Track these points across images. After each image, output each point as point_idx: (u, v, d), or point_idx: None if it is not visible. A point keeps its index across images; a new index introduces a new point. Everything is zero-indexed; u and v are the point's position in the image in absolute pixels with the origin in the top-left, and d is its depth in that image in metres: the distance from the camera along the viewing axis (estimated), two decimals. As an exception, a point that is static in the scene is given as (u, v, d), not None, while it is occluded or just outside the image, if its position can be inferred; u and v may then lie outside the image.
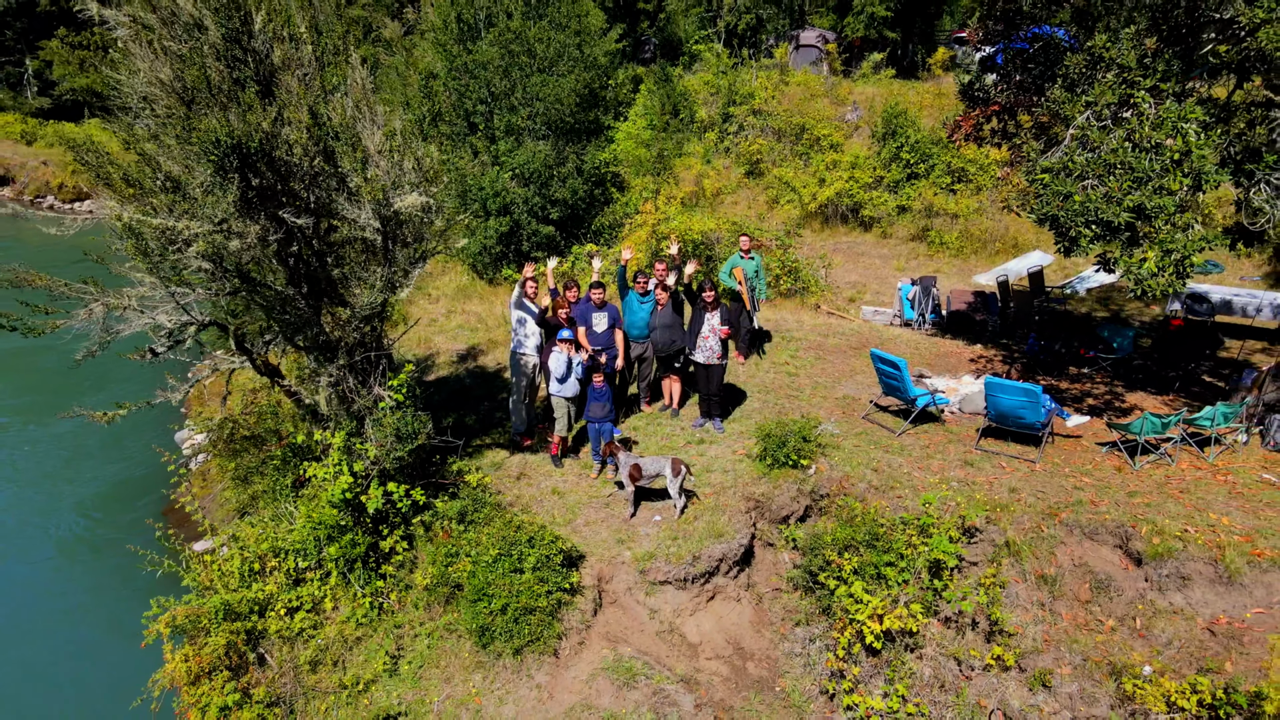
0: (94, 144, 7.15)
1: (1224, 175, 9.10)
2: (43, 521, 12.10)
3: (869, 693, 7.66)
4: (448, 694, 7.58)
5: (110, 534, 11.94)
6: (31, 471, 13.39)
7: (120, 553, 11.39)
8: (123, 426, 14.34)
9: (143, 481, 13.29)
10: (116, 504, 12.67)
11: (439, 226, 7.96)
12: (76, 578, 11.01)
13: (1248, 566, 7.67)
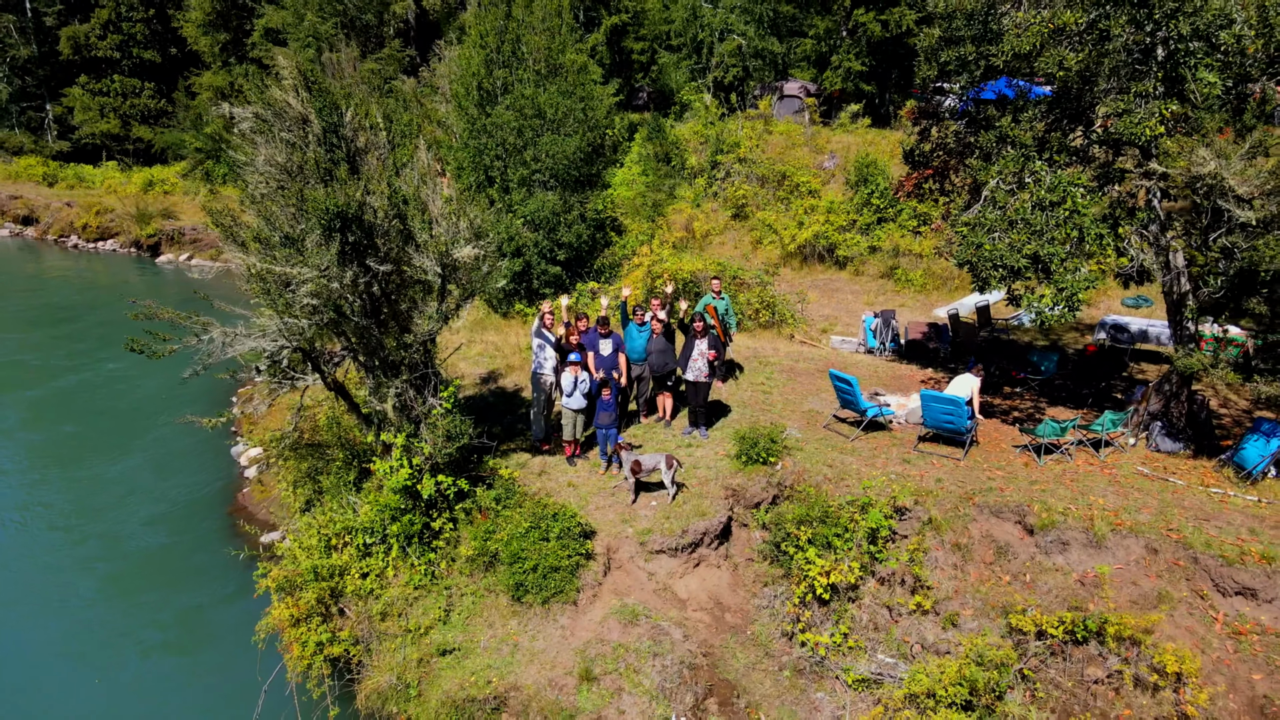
0: (229, 211, 9.54)
1: (1104, 229, 11.58)
2: (127, 533, 14.21)
3: (819, 633, 9.92)
4: (491, 634, 9.81)
5: (185, 536, 14.14)
6: (105, 495, 15.36)
7: (196, 550, 13.67)
8: (176, 452, 16.68)
9: (205, 498, 15.46)
10: (185, 516, 14.81)
11: (485, 271, 10.37)
12: (165, 572, 13.20)
13: (1111, 534, 10.00)
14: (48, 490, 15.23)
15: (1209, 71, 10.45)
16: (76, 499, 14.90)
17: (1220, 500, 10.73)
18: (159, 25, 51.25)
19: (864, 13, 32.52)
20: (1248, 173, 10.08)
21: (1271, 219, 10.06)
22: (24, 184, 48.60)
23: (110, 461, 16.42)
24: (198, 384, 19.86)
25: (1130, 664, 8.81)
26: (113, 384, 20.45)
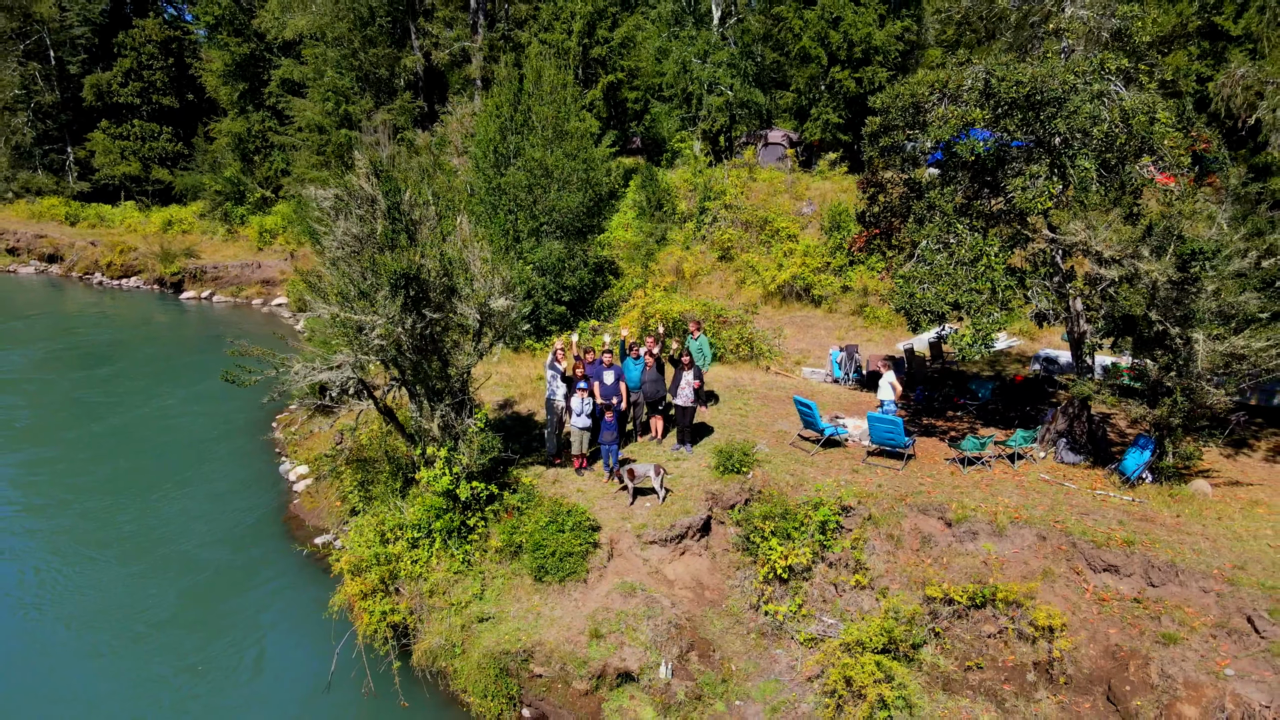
0: (317, 273, 12.32)
1: (1011, 281, 14.44)
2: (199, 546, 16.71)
3: (779, 604, 12.58)
4: (518, 606, 12.45)
5: (248, 542, 16.76)
6: (173, 517, 17.61)
7: (259, 552, 16.29)
8: (229, 475, 19.20)
9: (261, 511, 18.06)
10: (246, 527, 17.38)
11: (513, 318, 13.15)
12: (235, 572, 15.81)
13: (1010, 525, 12.73)
14: (124, 518, 17.20)
15: (1085, 159, 13.39)
16: (149, 524, 17.02)
17: (1101, 500, 13.49)
18: (177, 73, 54.46)
19: (840, 70, 35.69)
20: (1110, 239, 12.94)
21: (1130, 274, 12.89)
22: (47, 223, 51.48)
23: (174, 487, 18.73)
24: (240, 414, 22.79)
25: (1015, 621, 11.52)
26: (165, 418, 22.98)
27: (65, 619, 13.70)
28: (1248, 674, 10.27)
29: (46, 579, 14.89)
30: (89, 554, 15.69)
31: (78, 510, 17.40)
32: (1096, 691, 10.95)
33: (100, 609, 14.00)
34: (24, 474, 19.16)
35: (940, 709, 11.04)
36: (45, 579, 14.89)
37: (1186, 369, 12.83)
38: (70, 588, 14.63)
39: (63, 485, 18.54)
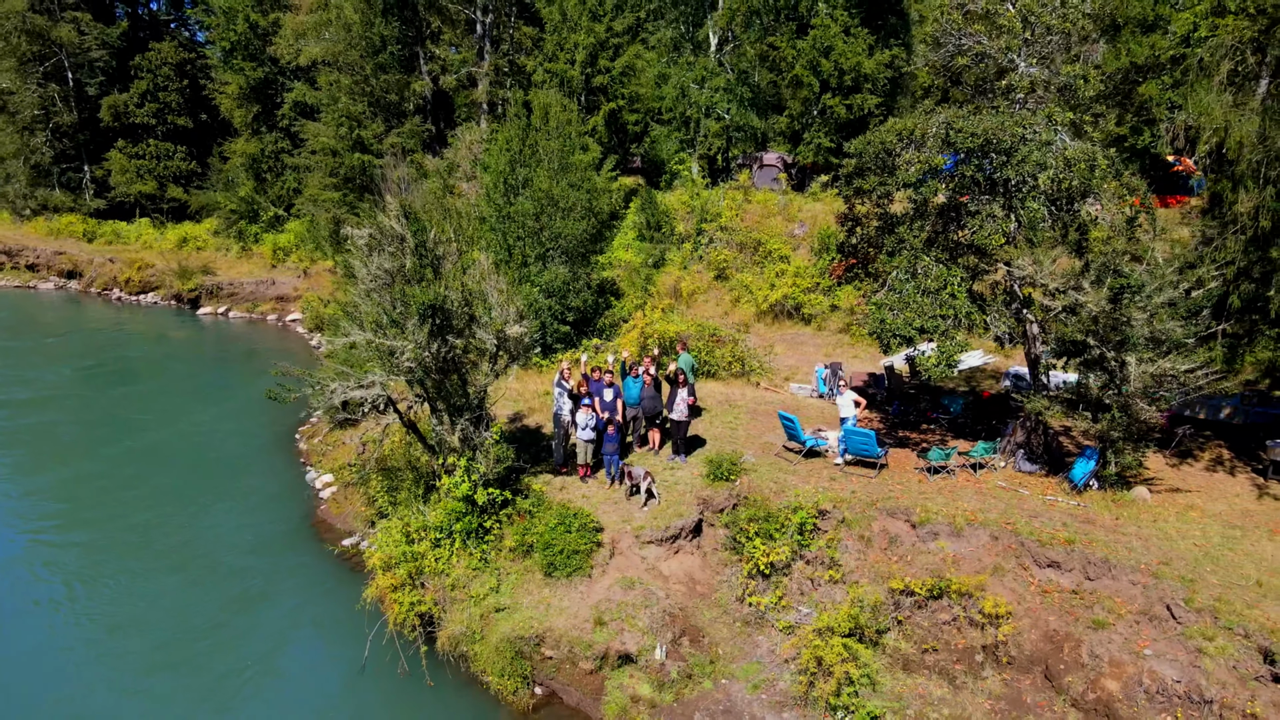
0: (355, 304, 14.05)
1: (973, 308, 16.17)
2: (237, 550, 18.44)
3: (761, 597, 14.26)
4: (530, 598, 14.13)
5: (281, 544, 18.45)
6: (212, 525, 19.25)
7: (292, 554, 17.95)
8: (260, 485, 20.75)
9: (291, 516, 19.77)
10: (279, 530, 19.06)
11: (526, 343, 14.89)
12: (272, 571, 17.49)
13: (967, 526, 14.41)
14: (166, 529, 18.47)
15: (1033, 201, 15.14)
16: (189, 534, 18.33)
17: (1050, 504, 15.18)
18: (191, 94, 56.38)
19: (831, 97, 37.52)
20: (1055, 272, 14.66)
21: (1073, 304, 14.61)
22: (65, 240, 53.28)
23: (210, 499, 20.13)
24: (266, 428, 24.45)
25: (966, 610, 13.20)
26: (197, 432, 24.49)
27: (116, 625, 14.97)
28: (1164, 654, 11.95)
29: (98, 589, 16.28)
30: (136, 564, 17.08)
31: (123, 523, 18.74)
32: (1036, 670, 12.62)
33: (149, 613, 15.43)
34: (70, 489, 20.59)
35: (900, 685, 12.71)
36: (96, 589, 16.28)
37: (1122, 388, 14.54)
38: (120, 596, 16.02)
39: (108, 499, 19.99)
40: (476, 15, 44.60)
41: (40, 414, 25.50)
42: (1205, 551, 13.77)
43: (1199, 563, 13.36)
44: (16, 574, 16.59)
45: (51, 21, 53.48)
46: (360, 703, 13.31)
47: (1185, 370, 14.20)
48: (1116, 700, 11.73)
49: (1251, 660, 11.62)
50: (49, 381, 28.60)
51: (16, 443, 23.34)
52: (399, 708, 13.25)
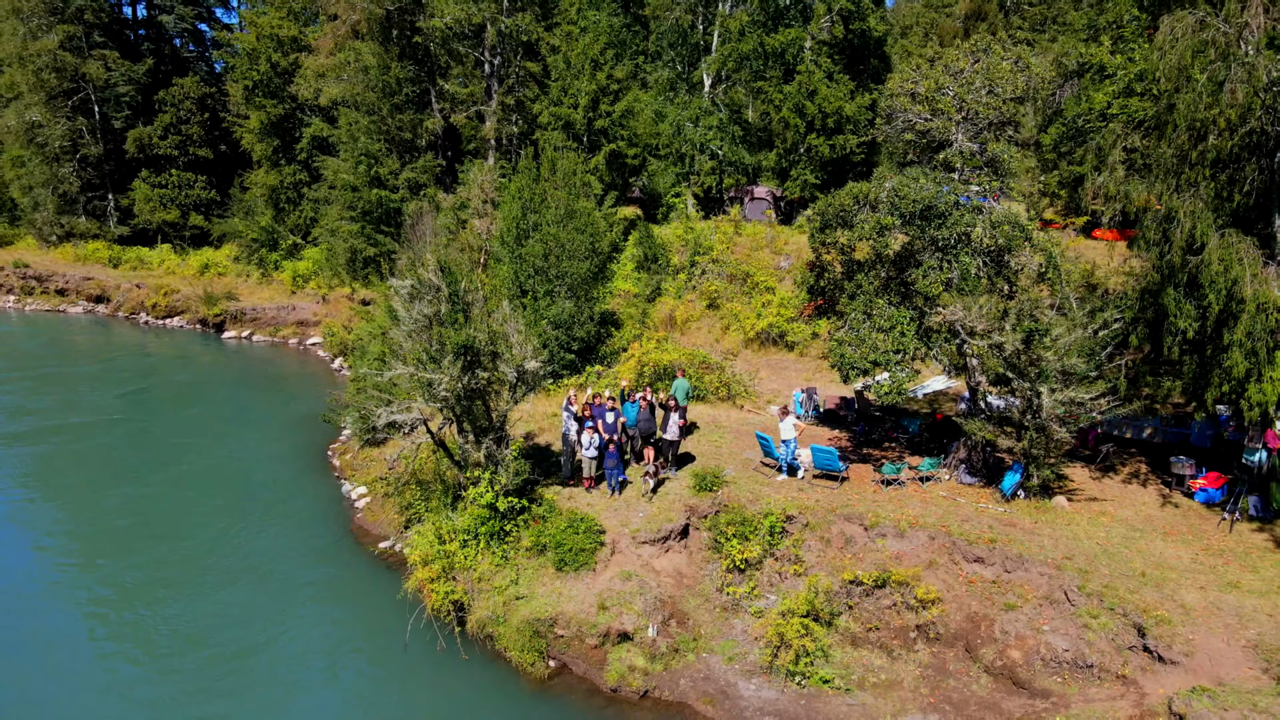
0: (399, 343, 17.07)
1: (919, 344, 19.19)
2: (288, 556, 21.36)
3: (737, 588, 17.21)
4: (544, 589, 17.09)
5: (325, 550, 21.41)
6: (263, 538, 22.02)
7: (336, 558, 20.86)
8: (302, 501, 23.53)
9: (331, 524, 22.72)
10: (321, 538, 21.97)
11: (541, 375, 17.90)
12: (318, 572, 20.44)
13: (910, 529, 17.39)
14: (221, 543, 20.87)
15: (965, 256, 18.22)
16: (244, 546, 20.82)
17: (981, 511, 18.17)
18: (211, 126, 59.72)
19: (815, 137, 40.74)
20: (984, 314, 17.67)
21: (993, 344, 17.63)
22: (92, 266, 56.46)
23: (259, 514, 22.63)
24: (301, 447, 27.24)
25: (904, 597, 16.16)
26: (242, 454, 27.15)
27: (186, 631, 17.39)
28: (1058, 629, 14.93)
29: (167, 598, 18.61)
30: (204, 578, 19.41)
31: (187, 542, 20.99)
32: (958, 645, 15.58)
33: (218, 617, 17.87)
34: (136, 509, 22.95)
35: (848, 657, 15.67)
36: (166, 598, 18.61)
37: (1039, 413, 17.56)
38: (188, 603, 18.39)
39: (168, 519, 22.44)
40: (484, 56, 47.88)
41: (97, 438, 28.37)
42: (1105, 549, 16.74)
43: (1097, 558, 16.34)
44: (96, 592, 19.08)
45: (80, 59, 56.83)
46: (405, 674, 16.24)
47: (1090, 398, 17.23)
48: (1019, 666, 14.70)
49: (1127, 633, 14.60)
50: (99, 406, 31.56)
51: (81, 466, 26.13)
52: (437, 678, 16.18)
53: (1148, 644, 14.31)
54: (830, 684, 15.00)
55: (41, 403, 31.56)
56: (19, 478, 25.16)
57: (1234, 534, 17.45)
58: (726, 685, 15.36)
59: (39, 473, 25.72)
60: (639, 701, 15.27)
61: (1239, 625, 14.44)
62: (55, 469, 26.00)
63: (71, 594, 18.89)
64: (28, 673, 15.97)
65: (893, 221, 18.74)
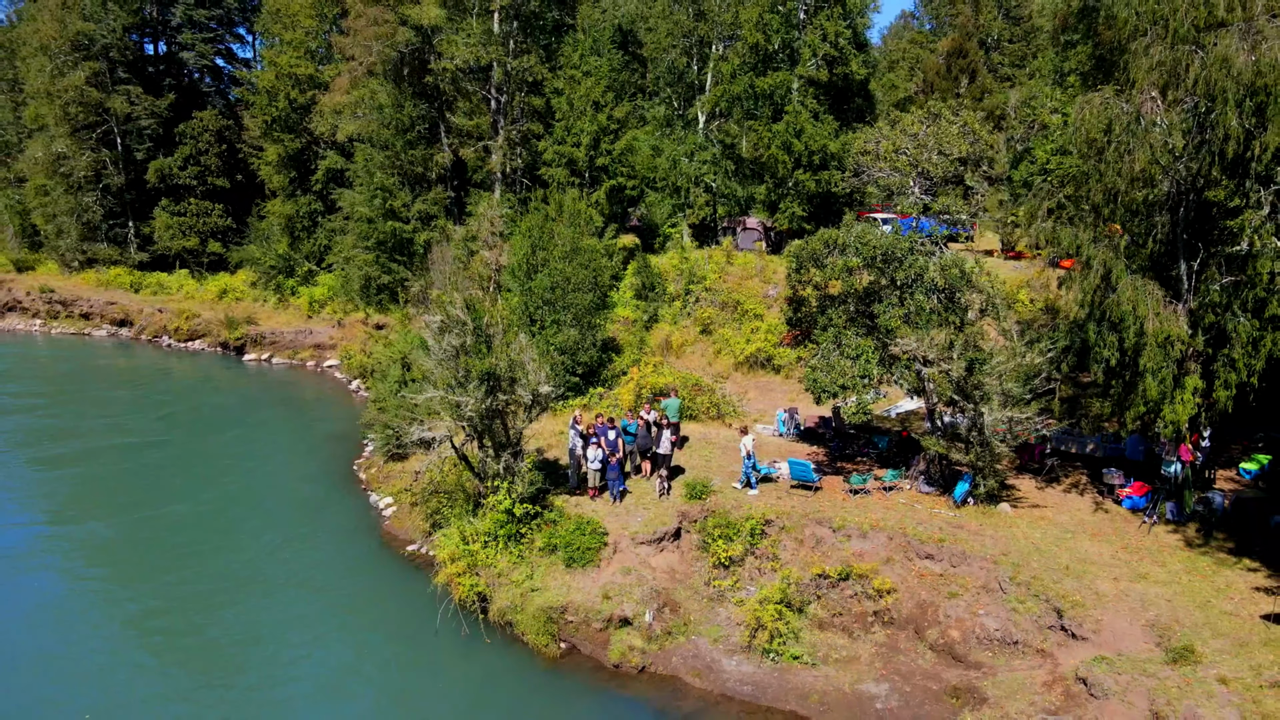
0: (431, 371, 20.01)
1: (882, 370, 22.15)
2: (326, 564, 24.21)
3: (722, 581, 20.07)
4: (556, 583, 19.94)
5: (358, 556, 24.26)
6: (301, 548, 24.98)
7: (369, 562, 23.68)
8: (332, 513, 26.31)
9: (361, 532, 25.57)
10: (354, 545, 24.82)
11: (552, 397, 20.83)
12: (354, 574, 23.29)
13: (871, 530, 20.28)
14: (267, 554, 23.72)
15: (920, 295, 21.21)
16: (288, 555, 23.66)
17: (934, 515, 21.06)
18: (228, 156, 62.95)
19: (802, 173, 43.87)
20: (930, 345, 20.63)
21: (943, 371, 20.57)
22: (114, 291, 59.48)
23: (298, 525, 25.29)
24: (330, 465, 30.17)
25: (864, 588, 19.03)
26: (277, 473, 30.00)
27: (246, 632, 20.11)
28: (991, 613, 17.80)
29: (226, 604, 21.09)
30: (250, 584, 21.91)
31: (236, 552, 23.61)
32: (909, 627, 18.43)
33: (269, 617, 20.56)
34: (187, 524, 25.48)
35: (815, 638, 18.52)
36: (225, 603, 21.06)
37: (982, 430, 20.51)
38: (244, 609, 20.86)
39: (219, 534, 24.88)
40: (491, 94, 51.15)
41: (145, 458, 31.06)
42: (1038, 547, 19.62)
43: (1029, 554, 19.22)
44: (159, 602, 21.52)
45: (105, 94, 60.12)
46: (436, 654, 19.06)
47: (1025, 417, 20.19)
48: (957, 643, 17.57)
49: (1048, 616, 17.48)
50: (143, 428, 34.39)
51: (133, 486, 28.55)
52: (464, 658, 19.00)
53: (1064, 624, 17.19)
54: (799, 659, 17.85)
55: (88, 425, 34.39)
56: (74, 498, 27.72)
57: (1151, 535, 20.36)
58: (712, 661, 18.21)
59: (92, 494, 28.04)
60: (638, 675, 18.11)
61: (1141, 609, 17.33)
62: (108, 489, 28.34)
63: (142, 604, 21.28)
64: (97, 674, 18.40)
65: (857, 264, 21.76)
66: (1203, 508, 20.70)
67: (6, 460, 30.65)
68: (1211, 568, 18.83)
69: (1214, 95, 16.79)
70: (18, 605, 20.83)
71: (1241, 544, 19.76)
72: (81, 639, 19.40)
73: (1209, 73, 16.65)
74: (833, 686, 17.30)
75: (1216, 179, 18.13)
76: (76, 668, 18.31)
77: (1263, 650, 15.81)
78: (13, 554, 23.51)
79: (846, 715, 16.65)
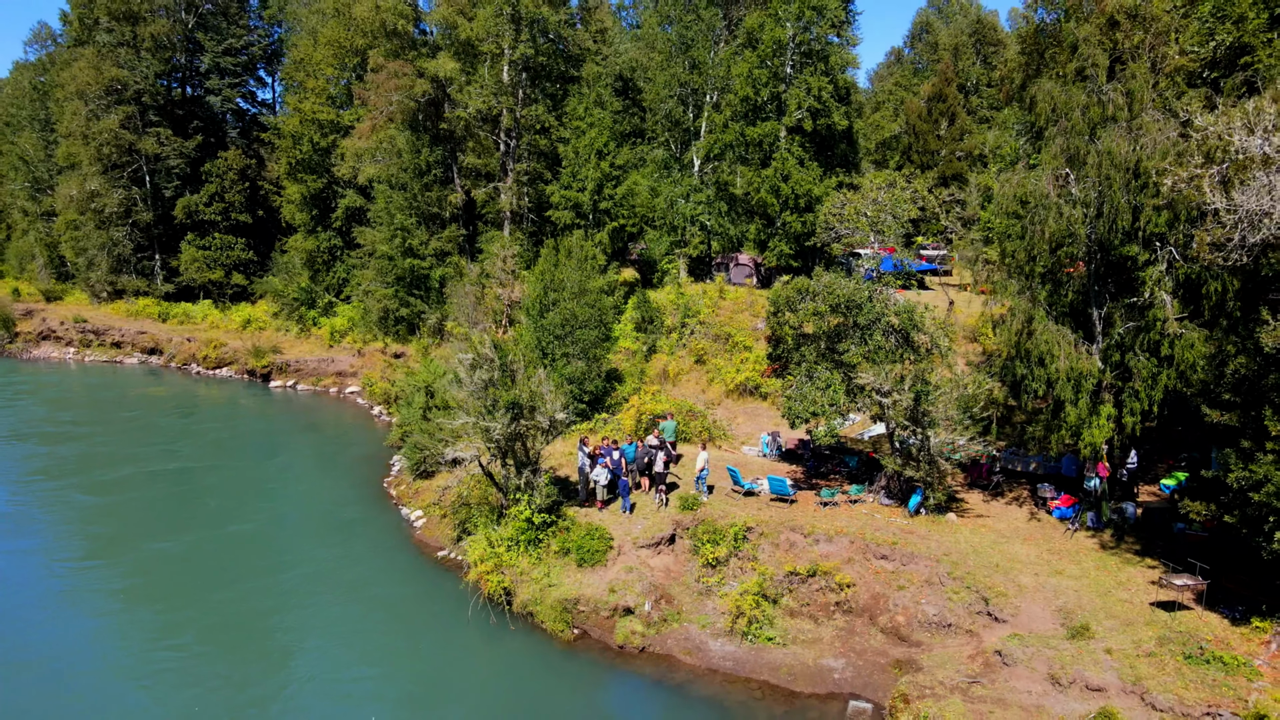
0: (459, 399, 23.99)
1: (849, 400, 26.14)
2: (366, 569, 28.16)
3: (710, 578, 23.94)
4: (569, 579, 23.81)
5: (394, 564, 28.16)
6: (346, 560, 29.21)
7: (402, 566, 27.57)
8: (366, 527, 30.14)
9: (395, 542, 29.49)
10: (389, 553, 28.75)
11: (566, 423, 24.79)
12: (391, 578, 27.18)
13: (836, 535, 24.18)
14: (316, 565, 27.68)
15: (877, 335, 25.26)
16: (333, 566, 27.63)
17: (890, 523, 24.96)
18: (250, 193, 67.28)
19: (789, 215, 48.09)
20: (886, 379, 24.62)
21: (896, 401, 24.54)
22: (144, 320, 63.58)
23: (339, 540, 29.24)
24: (361, 484, 33.99)
25: (827, 582, 22.91)
26: (316, 494, 33.86)
27: (302, 630, 24.44)
28: (931, 602, 21.68)
29: (285, 608, 25.69)
30: (304, 592, 25.80)
31: (289, 564, 27.47)
32: (865, 615, 22.29)
33: (322, 618, 24.58)
34: (244, 542, 29.20)
35: (786, 624, 22.37)
36: (284, 607, 25.68)
37: (929, 450, 24.47)
38: (300, 613, 24.96)
39: (273, 550, 28.62)
40: (500, 138, 55.54)
41: (200, 481, 34.82)
42: (975, 549, 23.53)
43: (967, 555, 23.12)
44: (232, 613, 25.53)
45: (136, 135, 64.53)
46: (468, 640, 22.89)
47: (964, 441, 24.17)
48: (902, 627, 21.44)
49: (977, 603, 21.36)
50: (192, 453, 38.23)
51: (194, 507, 32.05)
52: (493, 642, 22.83)
53: (989, 610, 21.08)
54: (773, 641, 21.72)
55: (142, 451, 38.17)
56: (139, 521, 30.78)
57: (1073, 540, 24.28)
58: (700, 643, 22.07)
59: (157, 516, 31.25)
60: (639, 655, 21.94)
61: (1053, 597, 21.23)
62: (171, 512, 31.76)
63: (217, 613, 24.68)
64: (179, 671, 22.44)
65: (825, 309, 25.83)
66: (1117, 516, 24.62)
67: (71, 485, 34.23)
68: (1118, 565, 22.75)
69: (1106, 177, 20.92)
70: (94, 618, 24.22)
71: (1147, 547, 23.68)
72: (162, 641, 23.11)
73: (1100, 160, 20.79)
74: (799, 662, 21.16)
75: (1117, 243, 22.22)
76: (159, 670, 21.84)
77: (1145, 629, 19.71)
78: (85, 574, 26.67)
79: (809, 684, 20.51)
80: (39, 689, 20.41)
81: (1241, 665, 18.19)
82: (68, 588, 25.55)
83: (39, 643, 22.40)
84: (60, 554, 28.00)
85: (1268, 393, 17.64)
